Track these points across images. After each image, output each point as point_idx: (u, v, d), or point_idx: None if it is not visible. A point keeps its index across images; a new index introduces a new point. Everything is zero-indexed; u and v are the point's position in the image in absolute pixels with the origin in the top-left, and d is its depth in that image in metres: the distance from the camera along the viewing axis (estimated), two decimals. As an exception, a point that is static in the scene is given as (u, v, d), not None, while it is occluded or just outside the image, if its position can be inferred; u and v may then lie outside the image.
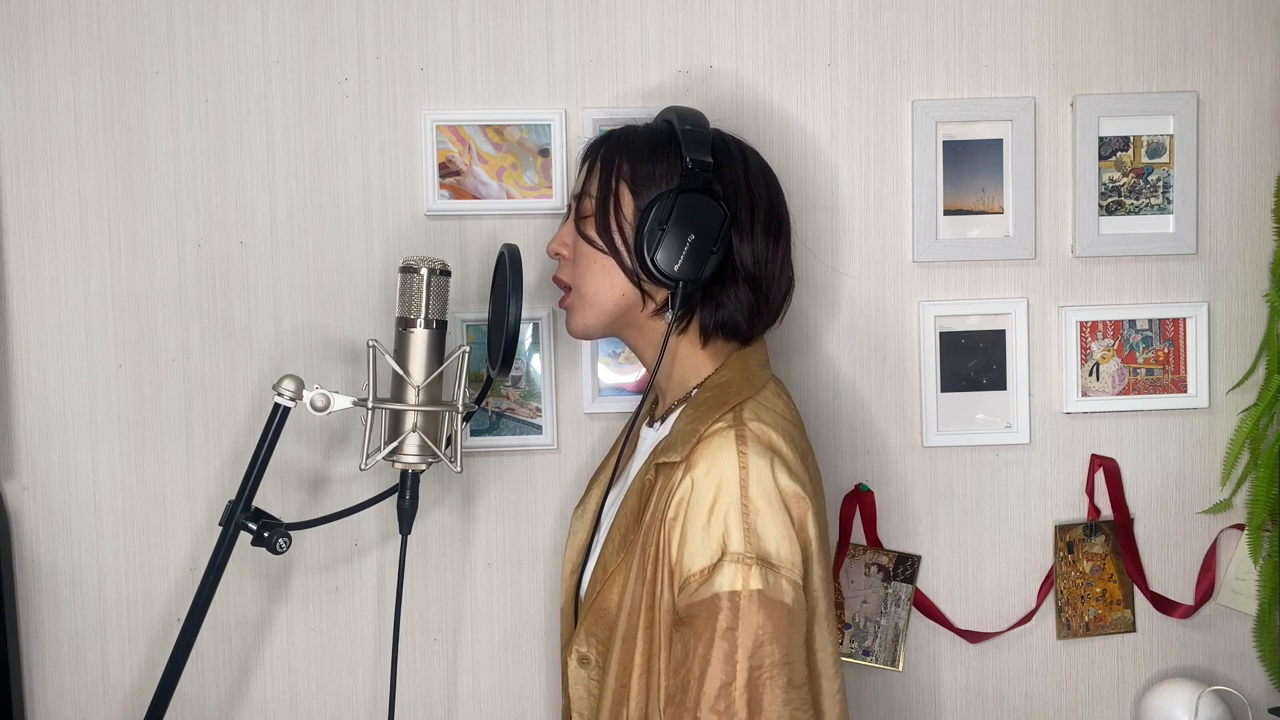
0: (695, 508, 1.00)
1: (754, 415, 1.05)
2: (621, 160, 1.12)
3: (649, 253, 1.08)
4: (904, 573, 1.48)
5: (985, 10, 1.46)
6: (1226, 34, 1.47)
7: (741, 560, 0.97)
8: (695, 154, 1.09)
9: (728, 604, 0.96)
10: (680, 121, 1.13)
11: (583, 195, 1.15)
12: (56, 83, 1.39)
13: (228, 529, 1.19)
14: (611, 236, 1.11)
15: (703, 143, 1.10)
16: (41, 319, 1.41)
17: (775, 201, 1.15)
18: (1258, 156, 1.48)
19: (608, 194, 1.12)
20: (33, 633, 1.43)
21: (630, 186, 1.11)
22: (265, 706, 1.45)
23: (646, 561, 1.03)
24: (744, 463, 1.00)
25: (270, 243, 1.42)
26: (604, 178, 1.13)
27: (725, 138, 1.16)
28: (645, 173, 1.10)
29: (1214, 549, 1.51)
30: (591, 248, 1.13)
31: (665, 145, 1.12)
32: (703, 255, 1.08)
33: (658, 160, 1.11)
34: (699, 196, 1.08)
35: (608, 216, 1.11)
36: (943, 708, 1.51)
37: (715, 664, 0.96)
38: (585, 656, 1.09)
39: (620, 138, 1.15)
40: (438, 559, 1.46)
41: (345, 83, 1.41)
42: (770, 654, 0.96)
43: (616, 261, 1.11)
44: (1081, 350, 1.47)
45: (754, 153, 1.18)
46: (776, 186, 1.17)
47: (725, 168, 1.12)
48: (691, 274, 1.08)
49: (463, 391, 1.24)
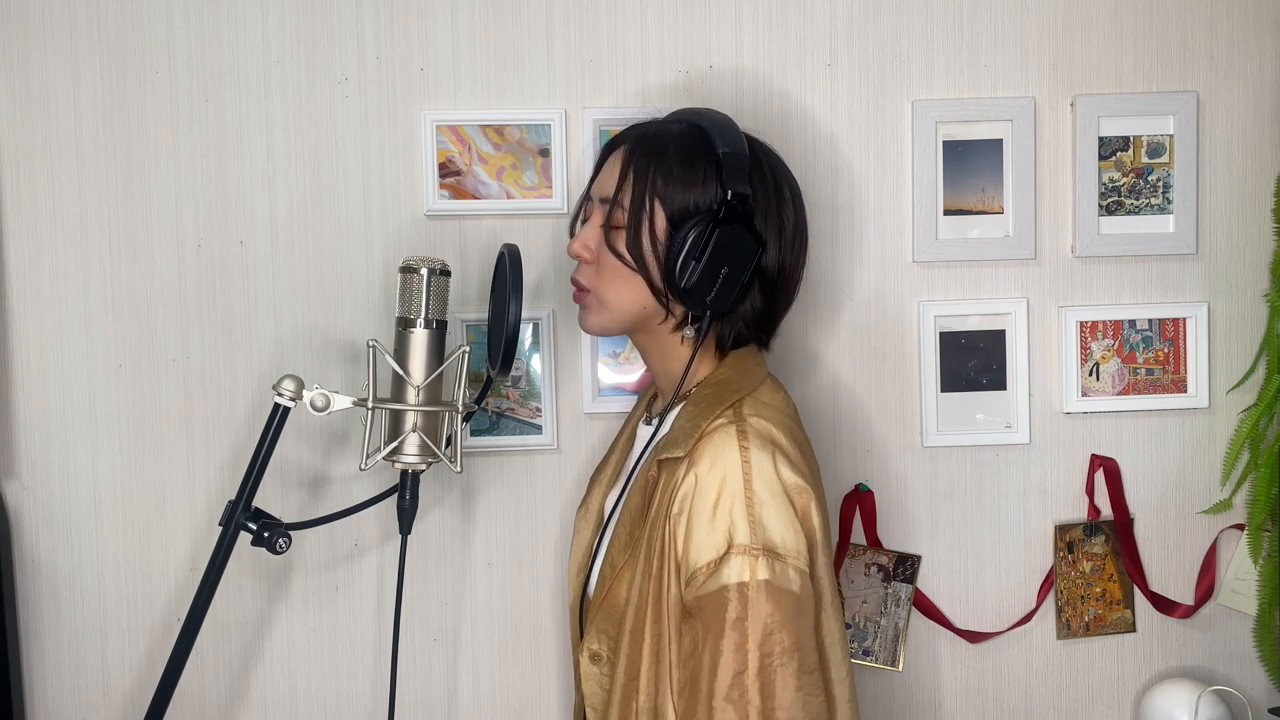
0: (700, 502, 1.01)
1: (753, 410, 1.06)
2: (656, 175, 1.08)
3: (682, 279, 1.07)
4: (904, 573, 1.48)
5: (985, 10, 1.46)
6: (1226, 34, 1.47)
7: (748, 552, 0.98)
8: (735, 184, 1.07)
9: (736, 595, 0.98)
10: (720, 141, 1.09)
11: (614, 205, 1.11)
12: (56, 82, 1.39)
13: (228, 529, 1.19)
14: (643, 254, 1.09)
15: (742, 169, 1.08)
16: (41, 319, 1.41)
17: (799, 213, 1.15)
18: (1258, 156, 1.48)
19: (640, 210, 1.08)
20: (33, 633, 1.43)
21: (665, 205, 1.08)
22: (265, 706, 1.45)
23: (652, 557, 1.04)
24: (746, 457, 1.01)
25: (270, 243, 1.42)
26: (637, 192, 1.09)
27: (755, 150, 1.13)
28: (680, 192, 1.08)
29: (1214, 549, 1.51)
30: (616, 259, 1.10)
31: (701, 163, 1.08)
32: (735, 286, 1.08)
33: (693, 181, 1.08)
34: (736, 228, 1.07)
35: (639, 234, 1.08)
36: (943, 708, 1.51)
37: (727, 654, 0.97)
38: (597, 653, 1.10)
39: (652, 144, 1.11)
40: (438, 559, 1.46)
41: (345, 83, 1.41)
42: (780, 641, 0.98)
43: (645, 279, 1.09)
44: (1081, 350, 1.47)
45: (777, 158, 1.16)
46: (799, 194, 1.16)
47: (760, 193, 1.10)
48: (723, 305, 1.08)
49: (463, 391, 1.24)
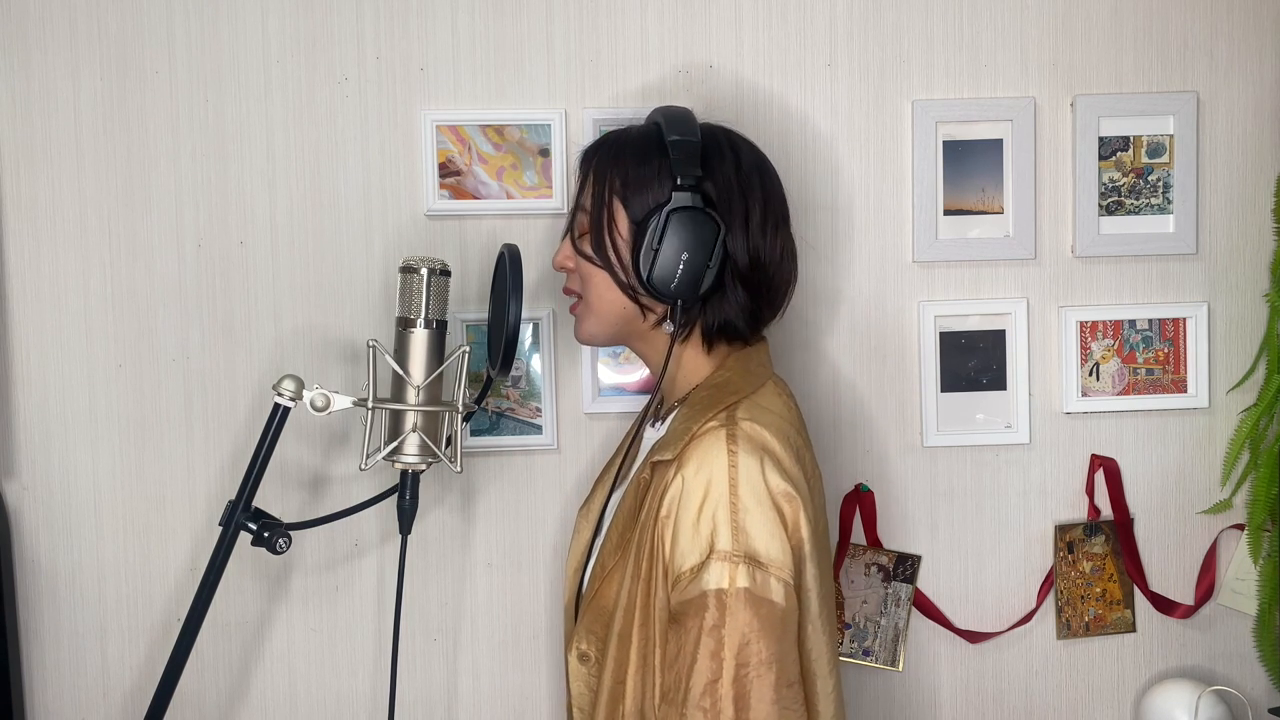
0: (685, 506, 1.00)
1: (747, 414, 1.05)
2: (613, 175, 1.10)
3: (645, 272, 1.07)
4: (904, 573, 1.48)
5: (985, 10, 1.46)
6: (1226, 34, 1.47)
7: (729, 559, 0.97)
8: (683, 168, 1.07)
9: (714, 601, 0.97)
10: (668, 129, 1.10)
11: (578, 210, 1.14)
12: (56, 82, 1.39)
13: (228, 529, 1.19)
14: (607, 254, 1.10)
15: (691, 153, 1.08)
16: (41, 319, 1.41)
17: (770, 195, 1.13)
18: (1258, 156, 1.48)
19: (601, 210, 1.10)
20: (33, 633, 1.43)
21: (623, 202, 1.09)
22: (265, 706, 1.45)
23: (642, 559, 1.04)
24: (734, 461, 1.00)
25: (270, 243, 1.42)
26: (596, 192, 1.11)
27: (715, 134, 1.13)
28: (636, 187, 1.09)
29: (1214, 549, 1.51)
30: (589, 263, 1.12)
31: (655, 155, 1.10)
32: (699, 271, 1.07)
33: (647, 173, 1.09)
34: (690, 212, 1.06)
35: (602, 234, 1.10)
36: (943, 708, 1.51)
37: (702, 661, 0.96)
38: (585, 653, 1.10)
39: (611, 147, 1.13)
40: (438, 559, 1.46)
41: (345, 83, 1.41)
42: (757, 651, 0.96)
43: (613, 278, 1.11)
44: (1081, 350, 1.47)
45: (747, 145, 1.15)
46: (772, 177, 1.15)
47: (717, 172, 1.09)
48: (689, 291, 1.08)
49: (463, 391, 1.24)
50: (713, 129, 1.14)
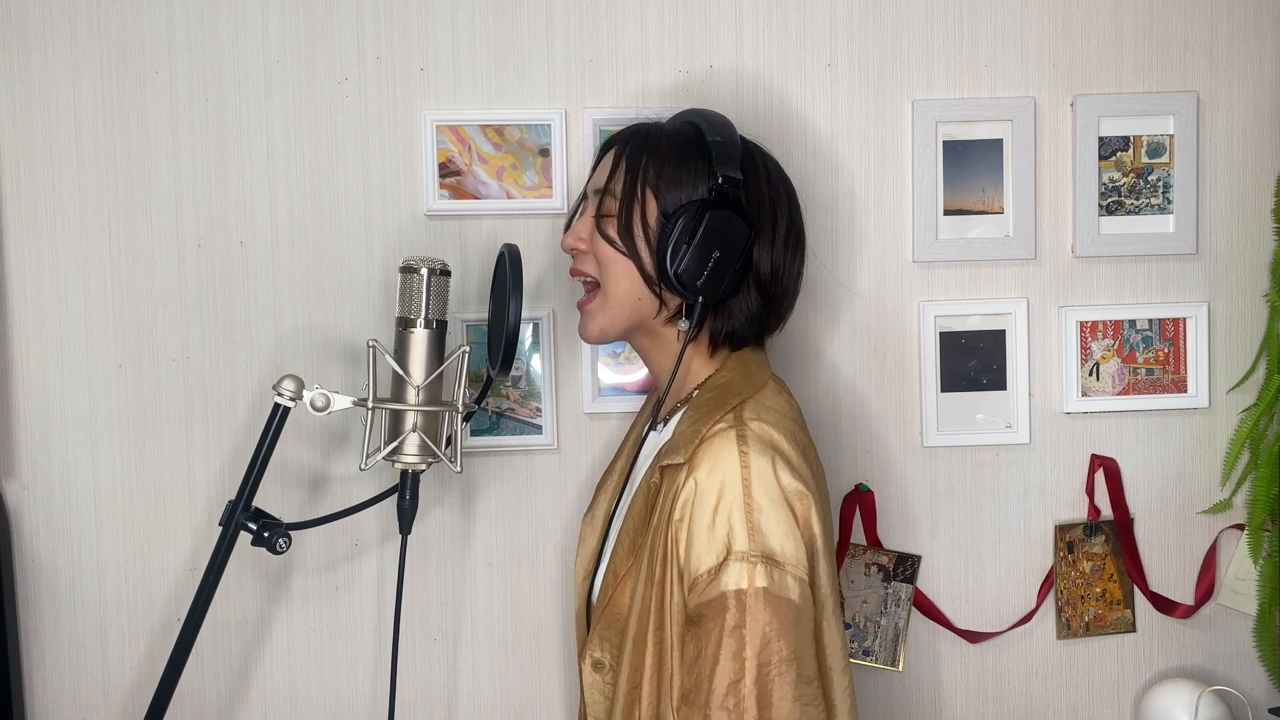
0: (700, 509, 1.00)
1: (754, 415, 1.06)
2: (648, 165, 1.11)
3: (672, 265, 1.07)
4: (904, 573, 1.48)
5: (985, 10, 1.46)
6: (1226, 34, 1.47)
7: (746, 559, 0.97)
8: (725, 169, 1.08)
9: (734, 602, 0.97)
10: (710, 130, 1.11)
11: (605, 193, 1.13)
12: (56, 82, 1.39)
13: (228, 529, 1.19)
14: (633, 240, 1.10)
15: (733, 157, 1.09)
16: (41, 319, 1.41)
17: (795, 215, 1.15)
18: (1258, 156, 1.48)
19: (632, 197, 1.10)
20: (33, 633, 1.43)
21: (655, 192, 1.10)
22: (265, 706, 1.45)
23: (655, 564, 1.03)
24: (745, 462, 1.01)
25: (270, 243, 1.42)
26: (629, 180, 1.11)
27: (750, 148, 1.15)
28: (672, 180, 1.09)
29: (1214, 549, 1.51)
30: (610, 248, 1.12)
31: (693, 153, 1.10)
32: (725, 272, 1.08)
33: (685, 169, 1.09)
34: (726, 213, 1.08)
35: (631, 219, 1.10)
36: (943, 708, 1.51)
37: (724, 662, 0.97)
38: (599, 661, 1.10)
39: (646, 138, 1.13)
40: (438, 559, 1.46)
41: (345, 83, 1.41)
42: (778, 650, 0.97)
43: (636, 265, 1.10)
44: (1081, 350, 1.47)
45: (774, 162, 1.17)
46: (795, 198, 1.17)
47: (752, 182, 1.11)
48: (714, 291, 1.08)
49: (463, 391, 1.24)
50: (749, 144, 1.16)
